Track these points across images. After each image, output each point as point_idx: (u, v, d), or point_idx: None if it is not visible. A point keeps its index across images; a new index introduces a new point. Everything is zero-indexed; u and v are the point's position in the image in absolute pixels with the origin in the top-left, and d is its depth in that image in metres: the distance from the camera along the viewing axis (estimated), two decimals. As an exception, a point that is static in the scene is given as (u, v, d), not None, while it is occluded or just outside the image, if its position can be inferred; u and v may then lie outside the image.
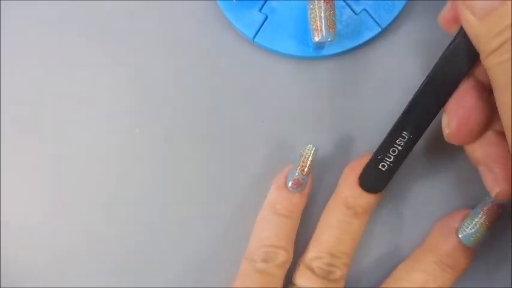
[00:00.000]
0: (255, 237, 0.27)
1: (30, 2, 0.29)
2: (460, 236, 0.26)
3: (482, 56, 0.20)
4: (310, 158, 0.26)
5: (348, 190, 0.26)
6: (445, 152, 0.28)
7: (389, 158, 0.25)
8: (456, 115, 0.23)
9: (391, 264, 0.28)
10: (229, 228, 0.28)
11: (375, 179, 0.25)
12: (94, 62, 0.29)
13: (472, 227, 0.25)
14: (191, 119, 0.29)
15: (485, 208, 0.25)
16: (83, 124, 0.29)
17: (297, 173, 0.26)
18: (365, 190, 0.26)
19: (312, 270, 0.26)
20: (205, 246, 0.29)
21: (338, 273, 0.26)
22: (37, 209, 0.29)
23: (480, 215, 0.25)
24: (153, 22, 0.29)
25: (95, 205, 0.29)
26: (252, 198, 0.28)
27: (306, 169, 0.26)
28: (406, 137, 0.24)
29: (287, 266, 0.27)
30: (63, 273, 0.29)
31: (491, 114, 0.23)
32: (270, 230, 0.26)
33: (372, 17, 0.27)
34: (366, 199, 0.26)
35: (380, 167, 0.25)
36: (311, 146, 0.26)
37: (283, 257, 0.26)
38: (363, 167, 0.26)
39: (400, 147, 0.24)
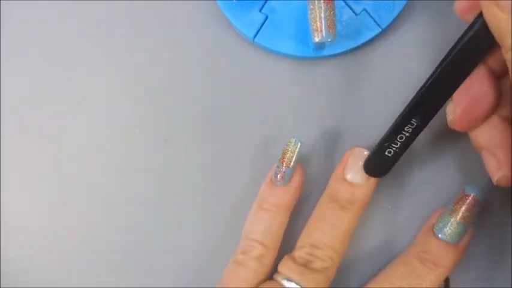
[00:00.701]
0: (243, 231, 0.27)
1: (30, 2, 0.29)
2: (434, 231, 0.26)
3: (504, 49, 0.20)
4: (294, 151, 0.26)
5: (334, 182, 0.27)
6: (445, 152, 0.28)
7: (396, 144, 0.24)
8: (462, 102, 0.23)
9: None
10: (229, 227, 0.28)
11: (380, 165, 0.25)
12: (94, 62, 0.29)
13: (446, 221, 0.25)
14: (191, 119, 0.29)
15: (455, 201, 0.25)
16: (83, 124, 0.29)
17: (280, 167, 0.26)
18: (369, 175, 0.26)
19: (293, 259, 0.26)
20: (205, 245, 0.29)
21: (318, 263, 0.26)
22: (37, 209, 0.29)
23: (451, 209, 0.25)
24: (153, 22, 0.29)
25: (94, 205, 0.29)
26: (251, 198, 0.28)
27: (290, 163, 0.26)
28: (415, 123, 0.24)
29: (266, 260, 0.26)
30: (63, 273, 0.29)
31: (498, 101, 0.23)
32: (253, 224, 0.27)
33: (372, 17, 0.27)
34: (349, 192, 0.26)
35: (386, 153, 0.25)
36: (294, 139, 0.26)
37: (259, 250, 0.26)
38: (352, 158, 0.26)
39: (407, 134, 0.24)
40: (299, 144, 0.26)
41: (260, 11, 0.27)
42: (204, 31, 0.28)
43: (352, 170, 0.26)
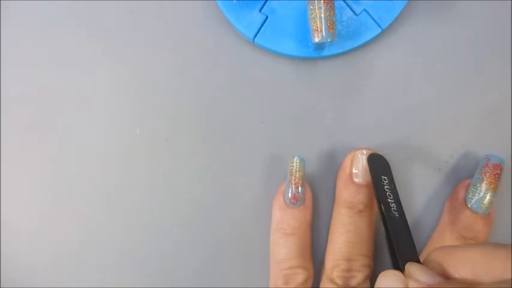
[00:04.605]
0: (272, 263, 0.27)
1: (30, 2, 0.29)
2: (469, 205, 0.25)
3: None
4: (299, 170, 0.26)
5: (345, 190, 0.26)
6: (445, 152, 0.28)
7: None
8: None
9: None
10: (230, 227, 0.28)
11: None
12: (94, 62, 0.29)
13: (478, 193, 0.25)
14: (191, 119, 0.29)
15: (484, 172, 0.25)
16: (83, 124, 0.29)
17: (292, 188, 0.26)
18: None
19: (333, 281, 0.26)
20: (206, 245, 0.29)
21: (359, 276, 0.25)
22: (37, 209, 0.29)
23: (482, 180, 0.25)
24: (153, 22, 0.29)
25: (95, 205, 0.29)
26: (252, 198, 0.28)
27: (300, 182, 0.26)
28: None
29: (310, 282, 0.26)
30: (63, 273, 0.29)
31: None
32: (283, 252, 0.26)
33: (372, 18, 0.27)
34: (364, 194, 0.26)
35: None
36: (297, 158, 0.26)
37: (302, 275, 0.26)
38: (356, 161, 0.26)
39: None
40: (304, 162, 0.26)
41: (260, 11, 0.27)
42: (204, 31, 0.28)
43: (360, 173, 0.26)
